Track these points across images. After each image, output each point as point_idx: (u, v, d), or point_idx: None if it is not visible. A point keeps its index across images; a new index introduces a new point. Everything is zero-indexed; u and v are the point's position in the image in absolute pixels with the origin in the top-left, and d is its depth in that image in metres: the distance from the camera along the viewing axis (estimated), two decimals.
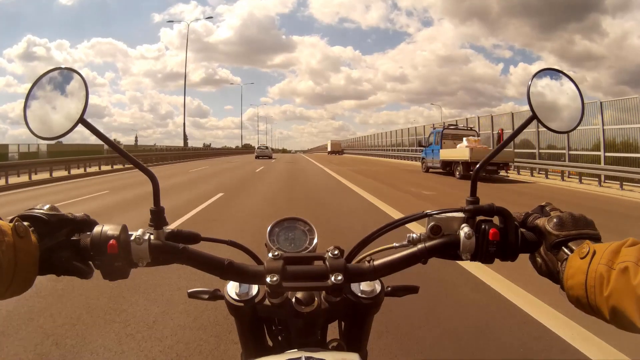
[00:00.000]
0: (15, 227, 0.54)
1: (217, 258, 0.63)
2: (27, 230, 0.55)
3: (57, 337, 2.56)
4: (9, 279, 0.52)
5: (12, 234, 0.53)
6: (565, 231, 0.59)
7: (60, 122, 0.59)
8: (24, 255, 0.53)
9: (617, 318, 0.49)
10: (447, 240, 0.64)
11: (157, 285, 3.49)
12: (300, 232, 0.79)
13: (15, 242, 0.53)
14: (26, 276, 0.54)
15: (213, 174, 17.37)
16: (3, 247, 0.51)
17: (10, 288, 0.53)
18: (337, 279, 0.60)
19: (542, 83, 0.67)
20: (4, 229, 0.52)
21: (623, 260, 0.49)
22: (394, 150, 37.25)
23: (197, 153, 42.88)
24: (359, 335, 0.71)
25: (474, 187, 0.67)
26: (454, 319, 2.92)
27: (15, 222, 0.54)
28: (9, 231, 0.53)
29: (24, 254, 0.53)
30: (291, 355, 0.56)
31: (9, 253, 0.51)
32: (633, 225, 6.94)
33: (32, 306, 3.01)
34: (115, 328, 2.71)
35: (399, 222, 0.67)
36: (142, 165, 0.65)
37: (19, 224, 0.55)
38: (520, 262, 0.67)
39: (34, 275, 0.56)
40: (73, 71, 0.61)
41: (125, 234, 0.60)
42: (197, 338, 2.61)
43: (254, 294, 0.68)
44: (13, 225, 0.54)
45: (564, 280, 0.56)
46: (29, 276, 0.55)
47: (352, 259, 0.69)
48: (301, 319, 0.66)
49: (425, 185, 13.29)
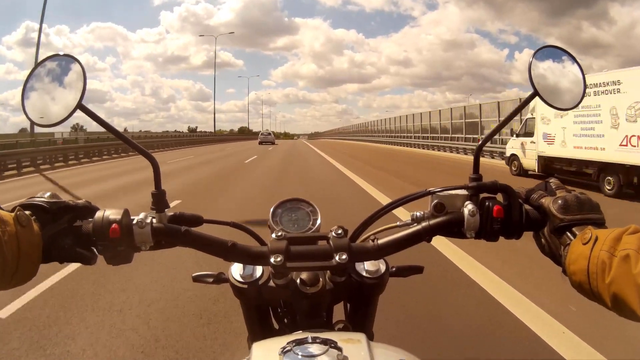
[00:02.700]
0: (17, 216, 0.54)
1: (221, 240, 0.64)
2: (29, 220, 0.56)
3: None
4: (13, 269, 0.53)
5: (14, 223, 0.54)
6: (570, 215, 0.59)
7: (59, 108, 0.60)
8: (26, 244, 0.54)
9: (618, 305, 0.50)
10: (450, 218, 0.65)
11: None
12: (304, 213, 0.80)
13: (18, 231, 0.53)
14: (30, 265, 0.55)
15: (188, 167, 14.20)
16: (6, 237, 0.52)
17: (14, 278, 0.54)
18: (341, 258, 0.61)
19: (544, 60, 0.68)
20: (5, 219, 0.53)
21: (624, 248, 0.50)
22: (416, 138, 30.96)
23: (190, 140, 41.28)
24: (364, 316, 0.72)
25: (476, 163, 0.67)
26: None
27: (17, 211, 0.55)
28: (11, 221, 0.53)
29: (26, 244, 0.54)
30: (297, 336, 0.57)
31: (12, 243, 0.52)
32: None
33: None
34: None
35: (402, 200, 0.68)
36: (144, 150, 0.66)
37: (21, 213, 0.55)
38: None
39: (38, 264, 0.57)
40: (71, 57, 0.62)
41: (127, 218, 0.61)
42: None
43: (258, 275, 0.69)
44: (15, 214, 0.54)
45: (567, 265, 0.57)
46: (32, 265, 0.56)
47: (356, 238, 0.69)
48: (306, 299, 0.67)
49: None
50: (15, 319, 2.74)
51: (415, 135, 31.71)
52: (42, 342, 2.45)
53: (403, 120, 36.43)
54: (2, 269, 0.52)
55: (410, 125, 33.78)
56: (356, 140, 52.66)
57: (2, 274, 0.52)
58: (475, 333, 2.60)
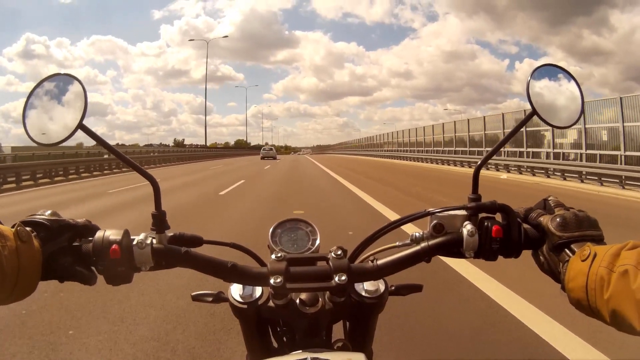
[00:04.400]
0: (18, 232, 0.55)
1: (221, 261, 0.64)
2: (30, 235, 0.57)
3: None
4: (12, 284, 0.54)
5: (15, 238, 0.54)
6: (568, 232, 0.60)
7: (60, 127, 0.61)
8: (26, 259, 0.55)
9: (617, 321, 0.51)
10: (450, 238, 0.66)
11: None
12: (303, 233, 0.81)
13: (18, 246, 0.54)
14: (29, 281, 0.56)
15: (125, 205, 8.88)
16: (6, 252, 0.52)
17: (13, 293, 0.55)
18: (340, 279, 0.62)
19: (542, 79, 0.70)
20: (6, 234, 0.54)
21: (623, 264, 0.50)
22: (435, 153, 27.53)
23: (178, 155, 36.15)
24: (364, 335, 0.73)
25: (475, 184, 0.69)
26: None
27: (18, 227, 0.56)
28: (12, 236, 0.54)
29: (27, 259, 0.55)
30: (296, 356, 0.57)
31: (12, 258, 0.53)
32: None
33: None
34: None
35: (401, 221, 0.69)
36: (144, 171, 0.66)
37: (21, 228, 0.56)
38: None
39: (37, 280, 0.57)
40: (72, 77, 0.63)
41: (128, 239, 0.62)
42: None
43: (257, 295, 0.69)
44: (15, 230, 0.55)
45: (565, 282, 0.58)
46: (31, 281, 0.56)
47: (356, 259, 0.70)
48: (306, 319, 0.68)
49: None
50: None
51: (442, 149, 27.26)
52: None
53: (420, 133, 32.73)
54: (2, 283, 0.52)
55: (432, 137, 29.69)
56: (368, 155, 46.82)
57: (1, 288, 0.53)
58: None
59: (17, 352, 2.53)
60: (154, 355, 2.48)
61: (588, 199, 9.95)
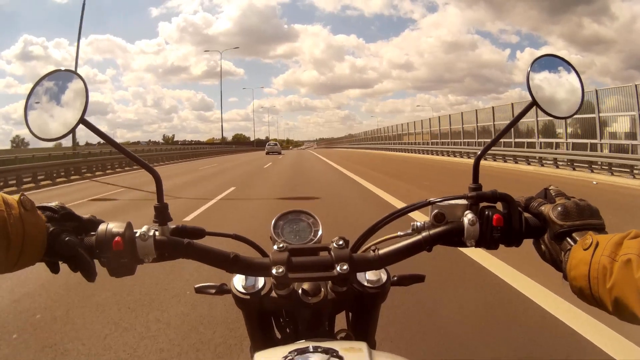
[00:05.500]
0: (21, 200, 0.58)
1: (223, 252, 0.65)
2: (33, 204, 0.59)
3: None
4: (18, 251, 0.56)
5: (19, 206, 0.57)
6: (570, 221, 0.61)
7: (62, 122, 0.62)
8: (31, 227, 0.57)
9: (619, 310, 0.51)
10: (451, 228, 0.67)
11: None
12: (305, 225, 0.82)
13: (22, 214, 0.57)
14: (34, 249, 0.58)
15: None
16: (11, 220, 0.55)
17: (19, 260, 0.56)
18: (342, 269, 0.63)
19: (542, 69, 0.71)
20: (10, 202, 0.57)
21: (626, 253, 0.51)
22: (450, 144, 24.49)
23: (168, 154, 30.30)
24: (366, 325, 0.74)
25: (475, 173, 0.69)
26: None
27: (21, 196, 0.58)
28: (16, 205, 0.57)
29: (31, 226, 0.57)
30: (299, 345, 0.58)
31: (17, 225, 0.55)
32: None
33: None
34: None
35: (402, 210, 0.70)
36: (146, 164, 0.68)
37: (25, 197, 0.59)
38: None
39: (42, 248, 0.59)
40: (72, 73, 0.64)
41: (130, 231, 0.63)
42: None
43: (260, 286, 0.70)
44: (19, 198, 0.58)
45: (567, 270, 0.58)
46: (36, 249, 0.58)
47: (357, 249, 0.71)
48: (308, 309, 0.69)
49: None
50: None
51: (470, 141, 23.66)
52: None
53: (434, 123, 29.72)
54: (7, 249, 0.54)
55: (454, 127, 26.06)
56: (385, 149, 41.40)
57: (6, 254, 0.55)
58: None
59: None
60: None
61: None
